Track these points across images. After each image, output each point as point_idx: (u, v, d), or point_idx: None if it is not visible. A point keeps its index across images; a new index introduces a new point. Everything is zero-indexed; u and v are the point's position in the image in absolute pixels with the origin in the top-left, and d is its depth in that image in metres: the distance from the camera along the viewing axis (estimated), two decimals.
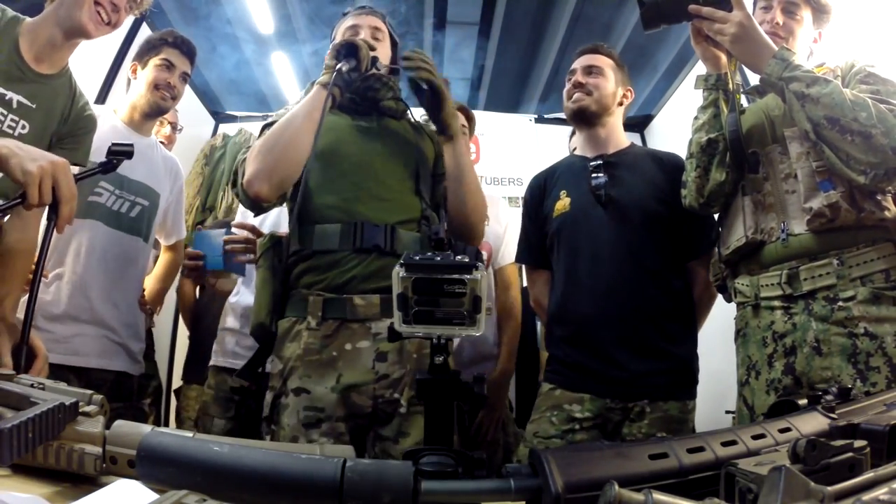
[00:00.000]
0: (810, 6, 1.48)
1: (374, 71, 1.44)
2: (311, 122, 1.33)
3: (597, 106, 1.79)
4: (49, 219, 1.11)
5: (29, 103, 1.47)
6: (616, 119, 1.85)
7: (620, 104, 1.86)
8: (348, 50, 1.37)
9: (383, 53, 1.57)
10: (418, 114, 1.63)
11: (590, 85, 1.79)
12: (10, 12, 1.47)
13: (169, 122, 2.64)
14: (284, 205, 1.52)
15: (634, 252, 1.65)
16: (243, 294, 2.11)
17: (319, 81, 1.39)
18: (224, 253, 1.89)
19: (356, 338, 1.31)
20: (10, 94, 1.44)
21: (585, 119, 1.81)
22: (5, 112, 1.43)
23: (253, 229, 1.85)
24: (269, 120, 1.48)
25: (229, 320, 2.11)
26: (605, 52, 1.88)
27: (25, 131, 1.47)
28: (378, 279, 1.31)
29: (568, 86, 1.85)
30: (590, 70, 1.82)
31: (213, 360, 2.08)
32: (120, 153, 1.29)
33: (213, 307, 2.35)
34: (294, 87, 6.68)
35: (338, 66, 1.35)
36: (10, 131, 1.44)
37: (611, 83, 1.82)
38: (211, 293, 2.48)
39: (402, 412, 1.30)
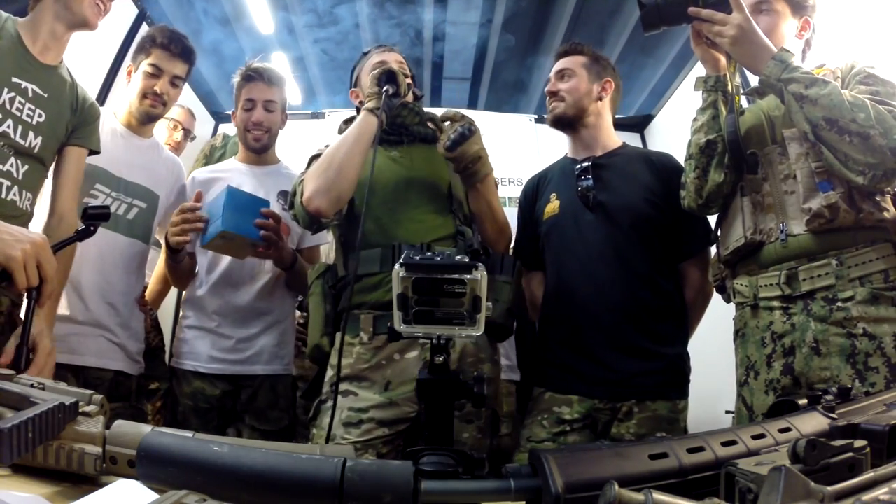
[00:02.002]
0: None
1: (410, 95, 1.56)
2: (362, 144, 1.46)
3: (573, 110, 1.79)
4: (29, 296, 1.12)
5: (42, 93, 1.49)
6: (599, 117, 1.82)
7: (600, 99, 1.82)
8: (389, 77, 1.49)
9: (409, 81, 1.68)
10: None
11: (562, 91, 1.79)
12: (4, 13, 1.49)
13: (183, 129, 2.64)
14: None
15: (622, 254, 1.65)
16: (214, 287, 1.97)
17: (367, 108, 1.49)
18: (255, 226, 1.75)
19: (404, 349, 1.42)
20: (24, 84, 1.46)
21: (564, 124, 1.81)
22: (23, 101, 1.45)
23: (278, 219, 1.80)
24: (317, 151, 1.60)
25: (198, 318, 1.98)
26: (576, 50, 1.86)
27: (42, 119, 1.49)
28: None
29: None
30: (561, 74, 1.82)
31: (188, 364, 1.95)
32: (96, 217, 1.26)
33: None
34: (293, 87, 6.68)
35: (385, 89, 1.46)
36: (29, 119, 1.46)
37: (583, 82, 1.80)
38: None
39: None
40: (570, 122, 1.80)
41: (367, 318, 1.44)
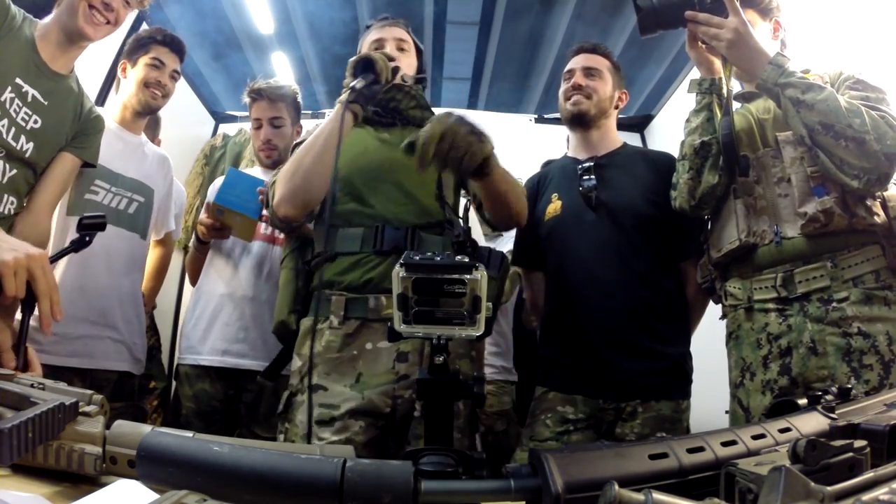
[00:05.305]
0: (750, 7, 1.48)
1: (398, 81, 1.46)
2: (332, 145, 1.32)
3: (595, 110, 1.79)
4: (24, 313, 1.03)
5: (42, 100, 1.48)
6: (611, 121, 1.85)
7: (616, 107, 1.85)
8: (365, 65, 1.35)
9: (408, 64, 1.58)
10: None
11: (589, 88, 1.78)
12: (23, 13, 1.49)
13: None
14: None
15: (624, 254, 1.65)
16: (214, 272, 1.99)
17: (339, 100, 1.36)
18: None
19: (377, 337, 1.33)
20: (26, 87, 1.45)
21: (583, 123, 1.80)
22: (20, 104, 1.44)
23: None
24: (299, 139, 1.53)
25: (200, 306, 1.99)
26: (602, 52, 1.86)
27: (38, 126, 1.48)
28: None
29: (565, 86, 1.83)
30: (589, 72, 1.81)
31: (191, 359, 1.95)
32: (92, 226, 1.23)
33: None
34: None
35: (352, 84, 1.32)
36: (24, 123, 1.45)
37: (609, 86, 1.81)
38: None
39: (416, 416, 1.32)
40: (588, 122, 1.80)
41: (338, 301, 1.35)
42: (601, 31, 6.10)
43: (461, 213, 1.55)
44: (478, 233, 2.82)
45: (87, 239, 1.24)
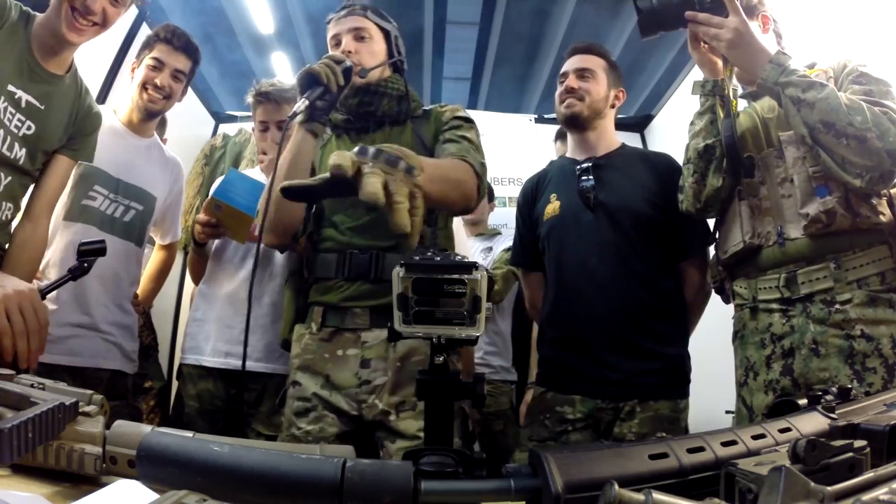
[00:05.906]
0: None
1: (358, 80, 1.42)
2: (297, 168, 1.36)
3: (589, 111, 1.78)
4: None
5: (38, 104, 1.45)
6: (608, 121, 1.84)
7: (613, 106, 1.85)
8: (308, 80, 1.30)
9: (370, 51, 1.50)
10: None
11: (581, 90, 1.78)
12: (19, 8, 1.44)
13: None
14: None
15: (623, 254, 1.66)
16: (216, 274, 2.00)
17: (298, 122, 1.37)
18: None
19: (347, 345, 1.43)
20: (19, 93, 1.42)
21: (578, 125, 1.81)
22: (13, 111, 1.41)
23: None
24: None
25: (203, 309, 2.00)
26: (597, 51, 1.86)
27: (31, 132, 1.45)
28: (367, 299, 1.42)
29: (560, 89, 1.83)
30: (582, 73, 1.80)
31: (193, 359, 1.96)
32: (91, 252, 1.22)
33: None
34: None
35: (294, 109, 1.27)
36: (16, 130, 1.43)
37: (603, 86, 1.80)
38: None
39: (392, 419, 1.37)
40: (582, 123, 1.80)
41: (318, 311, 1.47)
42: (601, 31, 6.10)
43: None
44: (462, 236, 2.83)
45: (87, 266, 1.24)
